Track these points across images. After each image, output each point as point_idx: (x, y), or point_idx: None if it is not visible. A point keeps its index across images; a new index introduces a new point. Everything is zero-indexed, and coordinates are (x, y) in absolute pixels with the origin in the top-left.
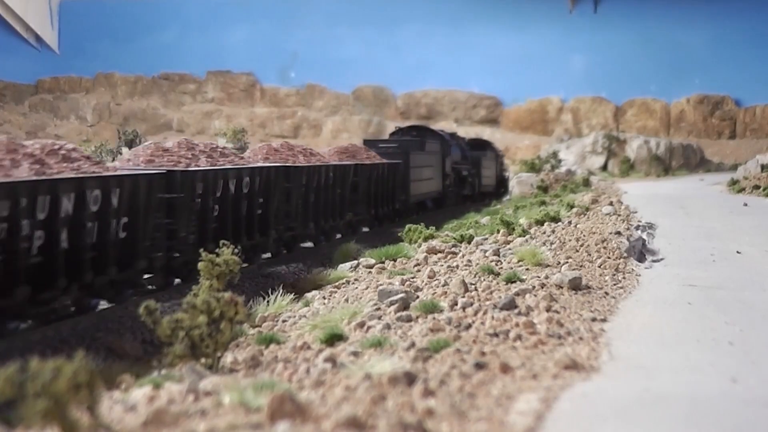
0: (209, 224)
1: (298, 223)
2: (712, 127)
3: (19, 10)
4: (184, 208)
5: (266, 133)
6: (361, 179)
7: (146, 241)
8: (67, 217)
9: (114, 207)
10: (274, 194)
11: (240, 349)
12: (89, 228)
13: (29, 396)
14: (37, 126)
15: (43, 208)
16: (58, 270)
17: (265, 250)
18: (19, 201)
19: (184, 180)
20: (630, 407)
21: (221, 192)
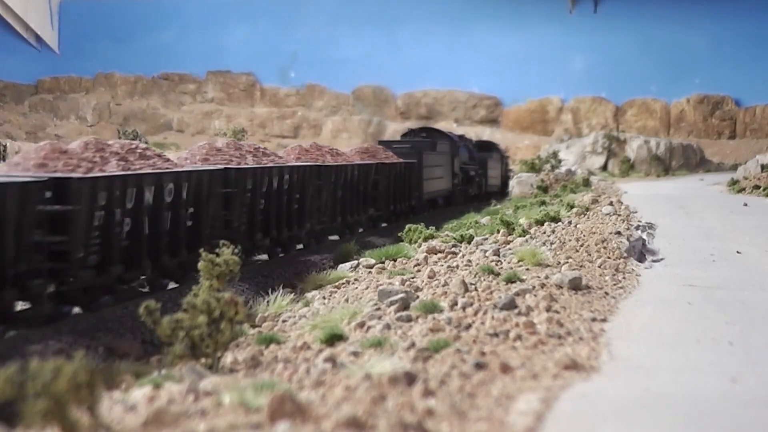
0: (257, 216)
1: (327, 217)
2: (712, 127)
3: (19, 10)
4: (238, 201)
5: (266, 133)
6: (381, 177)
7: (207, 229)
8: (148, 206)
9: (184, 198)
10: (308, 190)
11: (240, 349)
12: (165, 216)
13: (29, 396)
14: (37, 126)
15: (131, 199)
16: (142, 252)
17: (299, 241)
18: (114, 192)
19: (238, 176)
20: (630, 407)
21: (266, 187)
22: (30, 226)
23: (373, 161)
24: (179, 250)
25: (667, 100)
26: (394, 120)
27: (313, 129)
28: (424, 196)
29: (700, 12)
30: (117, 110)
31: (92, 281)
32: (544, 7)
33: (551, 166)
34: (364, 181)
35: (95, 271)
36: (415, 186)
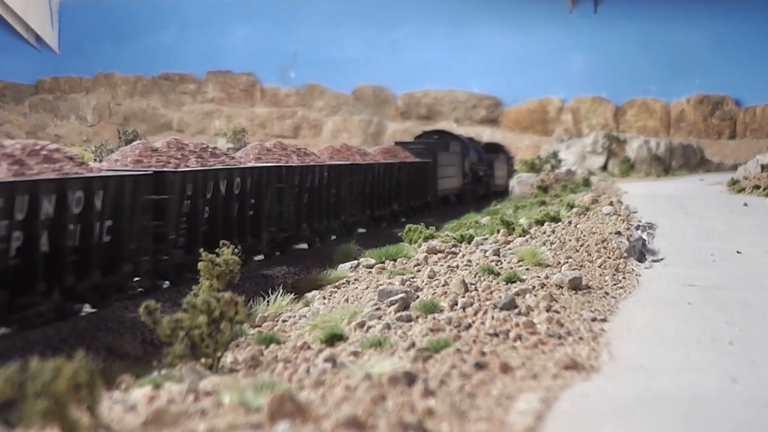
0: (302, 209)
1: (358, 210)
2: (712, 127)
3: (19, 10)
4: (288, 194)
5: (266, 133)
6: (403, 175)
7: (264, 218)
8: (222, 196)
9: (248, 191)
10: (342, 186)
11: (240, 349)
12: (233, 206)
13: (29, 396)
14: (37, 126)
15: (210, 190)
16: (217, 236)
17: (334, 232)
18: (198, 184)
19: (288, 173)
20: (630, 407)
21: (309, 183)
22: (140, 212)
23: (396, 161)
24: (245, 234)
25: (667, 100)
26: (394, 120)
27: (313, 129)
28: (438, 193)
29: (700, 12)
30: (117, 110)
31: (181, 260)
32: (544, 7)
33: (551, 166)
34: (389, 179)
35: (183, 251)
36: (431, 184)
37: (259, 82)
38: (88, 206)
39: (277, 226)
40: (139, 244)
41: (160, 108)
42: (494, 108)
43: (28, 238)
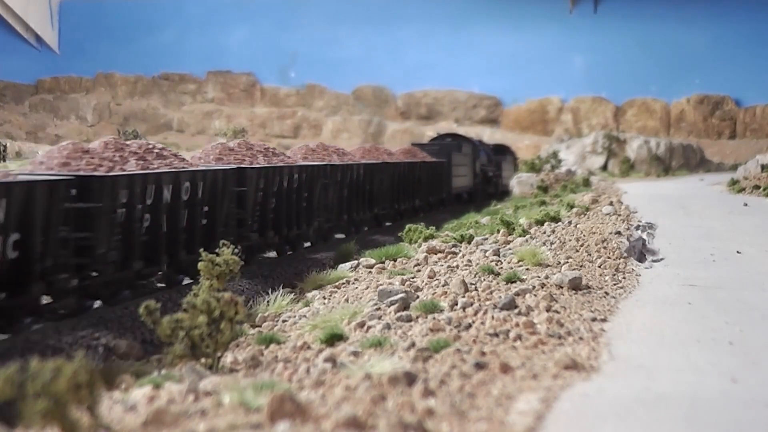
0: (342, 203)
1: (388, 204)
2: (712, 127)
3: (19, 10)
4: (329, 191)
5: (266, 133)
6: (422, 174)
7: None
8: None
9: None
10: (375, 182)
11: (240, 349)
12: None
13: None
14: (37, 126)
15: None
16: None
17: (366, 224)
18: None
19: (329, 173)
20: (630, 407)
21: (349, 179)
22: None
23: (417, 160)
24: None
25: (667, 100)
26: (394, 120)
27: (313, 129)
28: (452, 190)
29: (700, 12)
30: (117, 110)
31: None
32: (543, 7)
33: (551, 166)
34: (411, 177)
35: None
36: (446, 182)
37: (259, 82)
38: (193, 194)
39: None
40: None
41: (160, 108)
42: (494, 108)
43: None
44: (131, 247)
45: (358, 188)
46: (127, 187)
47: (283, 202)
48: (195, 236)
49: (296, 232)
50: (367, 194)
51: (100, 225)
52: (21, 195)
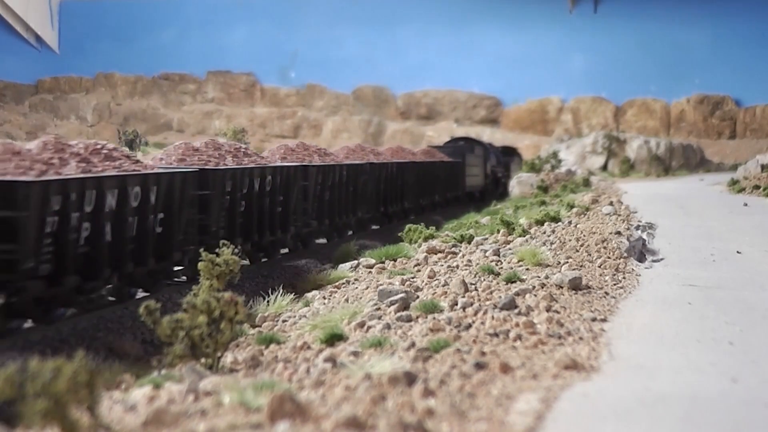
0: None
1: (411, 199)
2: (712, 127)
3: (19, 10)
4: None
5: (266, 133)
6: (441, 172)
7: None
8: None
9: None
10: (409, 181)
11: (240, 349)
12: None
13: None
14: (37, 126)
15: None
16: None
17: (400, 216)
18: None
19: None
20: (630, 407)
21: (387, 176)
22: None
23: (436, 160)
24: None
25: (667, 100)
26: (394, 120)
27: (314, 129)
28: (466, 189)
29: (700, 12)
30: (117, 110)
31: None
32: (544, 7)
33: (551, 166)
34: (432, 175)
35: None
36: (460, 180)
37: (259, 82)
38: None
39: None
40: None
41: (160, 108)
42: (494, 108)
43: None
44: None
45: (391, 184)
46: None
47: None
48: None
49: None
50: (399, 189)
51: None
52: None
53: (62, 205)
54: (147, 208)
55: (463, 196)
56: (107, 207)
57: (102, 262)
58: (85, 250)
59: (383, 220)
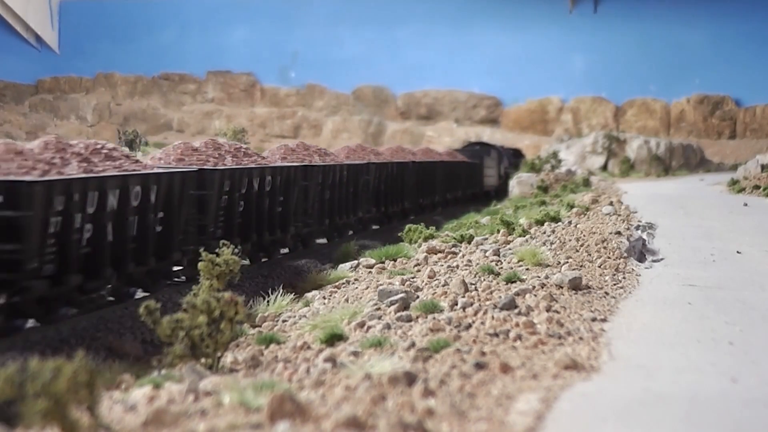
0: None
1: (438, 194)
2: (712, 127)
3: (19, 10)
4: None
5: (266, 133)
6: (462, 171)
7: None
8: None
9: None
10: (439, 178)
11: (240, 349)
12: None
13: (29, 396)
14: (37, 126)
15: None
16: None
17: (433, 207)
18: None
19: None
20: (630, 407)
21: (417, 173)
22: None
23: (459, 160)
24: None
25: (667, 100)
26: (394, 120)
27: (313, 129)
28: (483, 187)
29: (700, 12)
30: (117, 110)
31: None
32: (544, 7)
33: (551, 166)
34: (455, 173)
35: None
36: (478, 179)
37: (259, 82)
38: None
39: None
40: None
41: (160, 108)
42: (494, 108)
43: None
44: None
45: (422, 181)
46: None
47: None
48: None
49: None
50: (432, 185)
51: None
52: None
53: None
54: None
55: (480, 194)
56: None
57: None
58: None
59: (418, 211)
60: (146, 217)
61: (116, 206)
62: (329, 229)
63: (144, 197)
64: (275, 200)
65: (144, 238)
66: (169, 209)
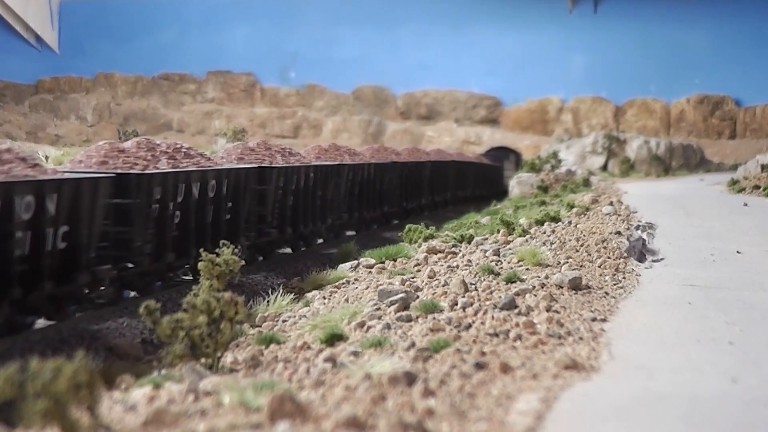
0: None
1: (469, 189)
2: (712, 127)
3: (19, 10)
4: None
5: (266, 133)
6: (487, 173)
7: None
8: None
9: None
10: (469, 177)
11: (240, 349)
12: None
13: (29, 396)
14: (38, 126)
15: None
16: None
17: (461, 201)
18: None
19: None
20: (630, 407)
21: (444, 171)
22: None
23: (485, 162)
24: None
25: (667, 100)
26: (395, 120)
27: (314, 129)
28: (502, 187)
29: (700, 12)
30: (117, 110)
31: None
32: (544, 7)
33: (551, 166)
34: (481, 174)
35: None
36: (499, 180)
37: (259, 82)
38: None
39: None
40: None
41: (160, 108)
42: (494, 108)
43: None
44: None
45: (454, 177)
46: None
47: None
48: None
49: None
50: (464, 181)
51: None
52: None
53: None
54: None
55: (500, 192)
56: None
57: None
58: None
59: (456, 202)
60: (220, 207)
61: (198, 196)
62: (358, 222)
63: (218, 189)
64: (316, 195)
65: (217, 224)
66: (236, 200)
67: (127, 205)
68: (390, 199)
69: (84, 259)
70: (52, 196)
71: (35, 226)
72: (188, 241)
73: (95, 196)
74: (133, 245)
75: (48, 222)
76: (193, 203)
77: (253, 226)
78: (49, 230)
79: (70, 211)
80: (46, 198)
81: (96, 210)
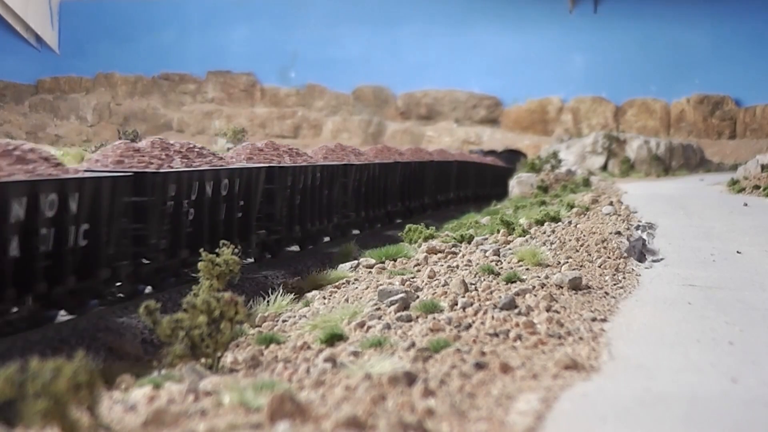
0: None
1: (487, 187)
2: (712, 127)
3: (19, 10)
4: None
5: (266, 133)
6: (499, 173)
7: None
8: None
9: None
10: (487, 176)
11: (240, 349)
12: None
13: (29, 396)
14: (37, 126)
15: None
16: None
17: (478, 198)
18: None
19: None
20: (630, 407)
21: (456, 171)
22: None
23: (497, 164)
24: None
25: (667, 100)
26: (394, 120)
27: (314, 129)
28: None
29: (700, 12)
30: (117, 110)
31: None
32: (544, 7)
33: (551, 166)
34: (493, 174)
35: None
36: (509, 179)
37: (259, 82)
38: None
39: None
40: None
41: (160, 108)
42: (494, 108)
43: None
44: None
45: (465, 176)
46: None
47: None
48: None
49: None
50: (481, 180)
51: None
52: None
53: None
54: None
55: (507, 192)
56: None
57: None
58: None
59: (475, 199)
60: (232, 205)
61: (211, 195)
62: (363, 221)
63: (230, 188)
64: (323, 193)
65: (230, 222)
66: (248, 199)
67: (143, 202)
68: (394, 198)
69: (104, 254)
70: (74, 195)
71: (58, 223)
72: (202, 238)
73: (114, 194)
74: (148, 242)
75: (70, 219)
76: (207, 201)
77: (263, 223)
78: (72, 227)
79: (91, 208)
80: (69, 196)
81: (115, 207)
